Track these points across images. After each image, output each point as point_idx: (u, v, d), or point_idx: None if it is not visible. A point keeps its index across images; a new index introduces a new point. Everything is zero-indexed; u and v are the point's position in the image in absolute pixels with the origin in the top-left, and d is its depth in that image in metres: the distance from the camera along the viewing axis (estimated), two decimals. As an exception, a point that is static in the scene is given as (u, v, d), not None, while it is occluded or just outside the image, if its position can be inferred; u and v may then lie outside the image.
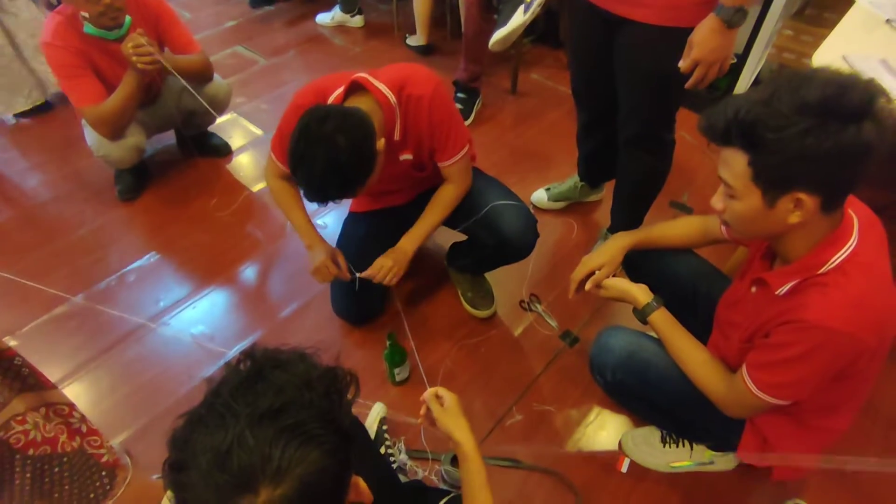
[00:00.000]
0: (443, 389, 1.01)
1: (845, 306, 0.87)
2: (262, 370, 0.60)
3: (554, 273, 1.90)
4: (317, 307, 1.80)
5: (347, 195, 1.22)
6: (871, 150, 0.78)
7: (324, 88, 1.33)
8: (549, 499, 1.37)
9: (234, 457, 0.53)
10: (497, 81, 2.75)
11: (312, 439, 0.56)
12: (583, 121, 1.83)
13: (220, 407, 0.56)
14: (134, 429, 1.51)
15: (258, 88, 2.80)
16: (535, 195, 2.11)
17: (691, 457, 1.38)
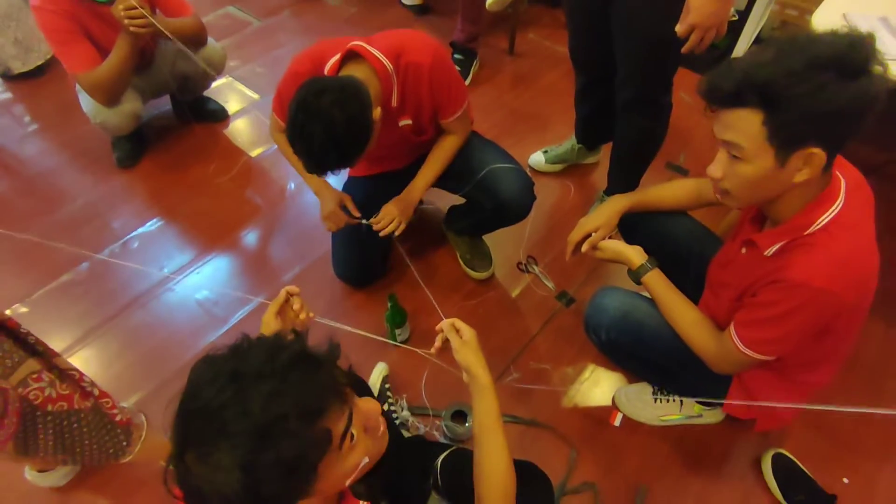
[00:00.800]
0: (460, 322, 1.00)
1: (828, 266, 0.90)
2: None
3: (551, 235, 1.93)
4: (318, 271, 1.83)
5: (345, 166, 1.24)
6: (877, 103, 0.80)
7: (321, 55, 1.32)
8: (546, 452, 1.44)
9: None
10: (494, 42, 2.71)
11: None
12: (580, 83, 1.82)
13: (246, 419, 0.55)
14: (145, 392, 1.57)
15: (253, 51, 2.76)
16: (533, 158, 2.11)
17: (681, 411, 1.45)
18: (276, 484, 0.57)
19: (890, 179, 2.04)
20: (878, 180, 2.00)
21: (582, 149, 2.06)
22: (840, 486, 1.36)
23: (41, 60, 2.53)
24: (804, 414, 1.47)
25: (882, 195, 2.11)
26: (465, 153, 1.55)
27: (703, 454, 1.44)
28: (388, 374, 1.53)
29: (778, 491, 1.34)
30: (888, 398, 1.52)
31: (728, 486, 1.38)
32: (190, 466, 0.56)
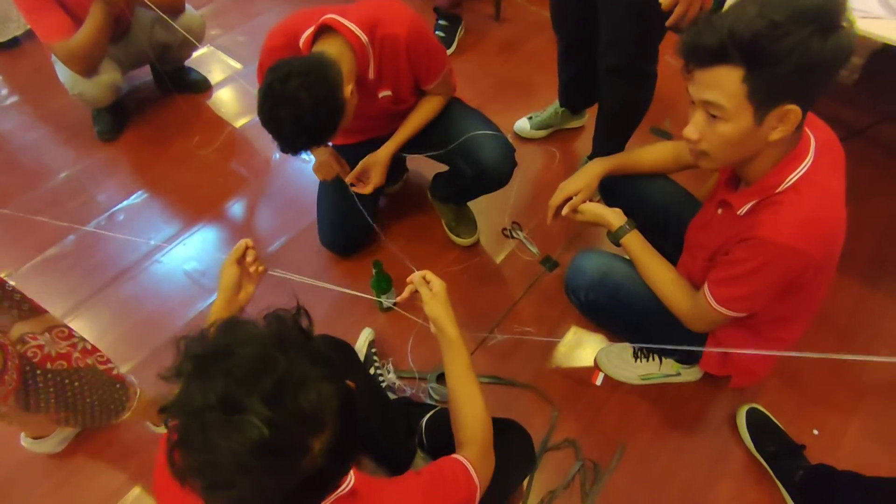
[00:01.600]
0: (431, 274, 1.01)
1: (795, 223, 0.92)
2: (229, 348, 0.59)
3: (536, 201, 1.94)
4: (305, 240, 1.85)
5: (318, 146, 1.24)
6: (849, 57, 0.81)
7: (294, 28, 1.31)
8: (529, 411, 1.48)
9: (275, 440, 0.54)
10: (480, 7, 2.67)
11: (312, 382, 0.59)
12: (561, 47, 1.81)
13: (226, 404, 0.55)
14: (136, 361, 1.60)
15: (233, 19, 2.70)
16: (518, 124, 2.11)
17: (660, 369, 1.49)
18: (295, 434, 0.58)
19: (874, 142, 2.05)
20: (864, 143, 2.05)
21: (566, 112, 2.06)
22: (810, 438, 1.41)
23: (19, 31, 2.48)
24: (778, 371, 1.52)
25: (867, 158, 2.14)
26: (447, 120, 1.55)
27: (681, 411, 1.49)
28: (374, 338, 1.56)
29: (751, 443, 1.39)
30: (858, 352, 1.57)
31: (704, 440, 1.44)
32: (209, 426, 0.55)
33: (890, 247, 1.77)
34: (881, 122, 2.07)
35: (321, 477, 0.59)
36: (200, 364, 0.58)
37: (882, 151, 2.03)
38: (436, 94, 1.52)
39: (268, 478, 0.56)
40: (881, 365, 1.54)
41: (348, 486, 0.73)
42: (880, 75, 2.20)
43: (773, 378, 1.52)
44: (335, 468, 0.61)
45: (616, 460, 1.39)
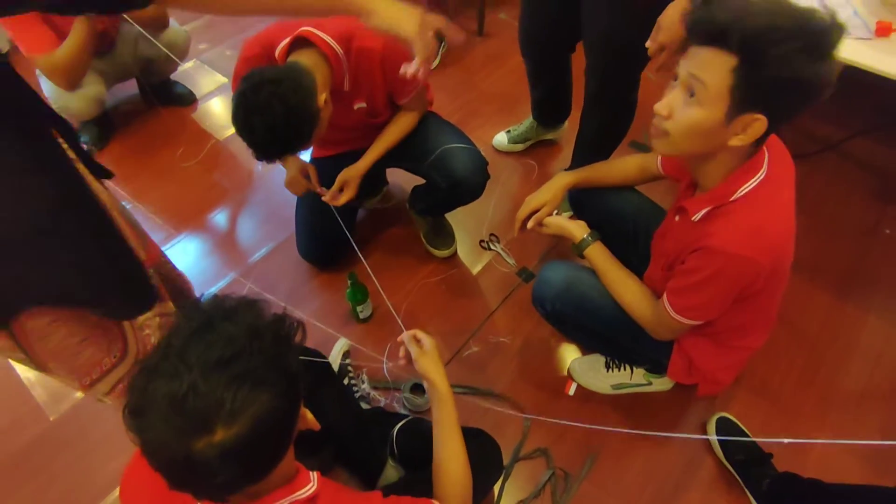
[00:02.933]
0: (421, 332, 1.05)
1: (745, 233, 0.95)
2: (211, 321, 0.63)
3: (514, 213, 1.92)
4: (285, 251, 1.87)
5: (292, 153, 1.27)
6: (828, 90, 0.82)
7: (270, 39, 1.34)
8: (502, 421, 1.49)
9: (189, 402, 0.57)
10: (463, 23, 2.71)
11: (261, 383, 0.60)
12: (530, 69, 1.85)
13: (174, 357, 0.60)
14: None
15: (222, 33, 2.75)
16: (496, 139, 2.14)
17: (631, 378, 1.51)
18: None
19: (846, 156, 2.09)
20: (837, 157, 2.08)
21: (541, 127, 2.10)
22: (779, 446, 1.43)
23: (6, 46, 2.51)
24: (748, 380, 1.54)
25: (840, 172, 2.18)
26: (423, 134, 1.58)
27: (653, 421, 1.50)
28: (348, 349, 1.58)
29: (720, 451, 1.41)
30: (827, 367, 1.59)
31: (675, 449, 1.45)
32: (155, 369, 0.61)
33: (860, 259, 1.81)
34: (853, 137, 2.12)
35: (210, 468, 0.59)
36: (195, 316, 0.65)
37: (853, 165, 2.07)
38: (410, 110, 1.54)
39: (172, 433, 0.58)
40: (849, 374, 1.56)
41: (308, 491, 0.74)
42: (851, 91, 2.24)
43: (743, 387, 1.54)
44: (230, 470, 0.60)
45: (587, 469, 1.41)
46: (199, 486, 0.62)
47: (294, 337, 0.70)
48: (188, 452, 0.57)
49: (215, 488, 0.63)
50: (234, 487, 0.65)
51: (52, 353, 0.92)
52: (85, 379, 0.98)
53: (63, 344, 0.92)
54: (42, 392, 1.59)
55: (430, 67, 1.04)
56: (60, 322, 0.90)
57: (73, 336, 0.92)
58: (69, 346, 0.92)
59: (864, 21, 1.31)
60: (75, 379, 0.98)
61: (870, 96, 2.15)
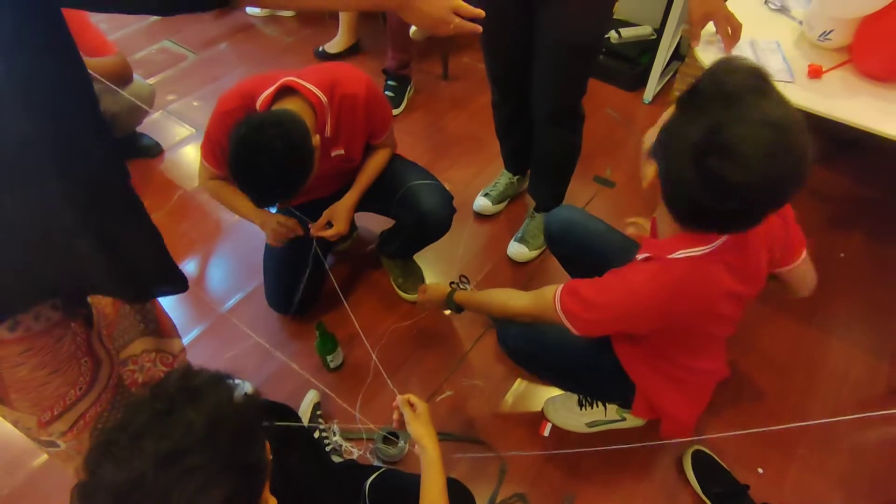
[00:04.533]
0: (414, 397, 1.08)
1: (660, 285, 0.98)
2: (173, 405, 0.62)
3: (484, 253, 1.99)
4: (255, 300, 1.84)
5: (290, 195, 1.28)
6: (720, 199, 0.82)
7: (250, 91, 1.35)
8: (477, 465, 1.47)
9: (134, 497, 0.55)
10: (429, 67, 2.79)
11: (214, 481, 0.58)
12: (507, 113, 1.83)
13: (129, 440, 0.58)
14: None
15: (189, 84, 2.77)
16: (478, 204, 2.09)
17: (605, 415, 1.50)
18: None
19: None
20: (873, 220, 2.13)
21: (520, 178, 2.11)
22: (755, 477, 1.44)
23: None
24: (722, 412, 1.55)
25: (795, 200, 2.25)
26: (388, 175, 1.60)
27: (629, 457, 1.48)
28: (319, 401, 1.55)
29: (697, 485, 1.40)
30: (797, 387, 1.61)
31: (653, 485, 1.44)
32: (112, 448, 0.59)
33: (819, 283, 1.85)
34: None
35: None
36: (159, 395, 0.63)
37: (806, 193, 2.15)
38: (385, 146, 1.60)
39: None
40: (820, 401, 1.58)
41: None
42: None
43: (718, 419, 1.54)
44: None
45: (565, 513, 1.39)
46: None
47: (260, 423, 0.68)
48: None
49: None
50: None
51: (19, 383, 0.89)
52: (45, 414, 0.94)
53: (32, 375, 0.89)
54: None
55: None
56: (34, 352, 0.88)
57: (45, 367, 0.90)
58: (38, 377, 0.90)
59: (788, 67, 1.37)
60: (35, 413, 0.94)
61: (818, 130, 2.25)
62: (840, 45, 1.38)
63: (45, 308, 0.88)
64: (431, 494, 0.99)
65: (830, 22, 1.35)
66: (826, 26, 1.36)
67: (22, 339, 0.86)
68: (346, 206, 1.54)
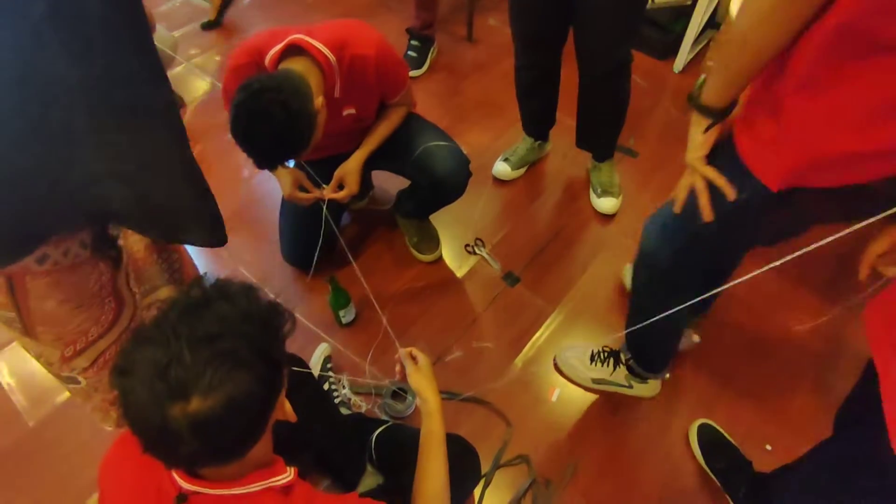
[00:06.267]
0: (416, 350, 1.09)
1: None
2: (208, 299, 0.67)
3: (501, 218, 1.97)
4: (271, 253, 1.86)
5: (293, 158, 1.28)
6: None
7: (258, 48, 1.33)
8: (485, 426, 1.49)
9: (171, 370, 0.60)
10: (453, 28, 2.72)
11: (242, 364, 0.63)
12: (533, 76, 1.82)
13: (166, 327, 0.63)
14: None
15: (211, 39, 2.75)
16: (497, 168, 2.06)
17: (611, 376, 1.51)
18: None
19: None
20: None
21: (541, 144, 2.08)
22: (762, 454, 1.42)
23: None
24: (733, 384, 1.53)
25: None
26: (405, 134, 1.58)
27: (635, 428, 1.49)
28: (330, 354, 1.57)
29: (702, 458, 1.40)
30: (815, 370, 1.58)
31: (656, 456, 1.44)
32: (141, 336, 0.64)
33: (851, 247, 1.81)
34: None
35: (178, 436, 0.60)
36: (195, 293, 0.68)
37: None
38: (402, 103, 1.57)
39: (151, 397, 0.60)
40: (839, 383, 1.55)
41: (284, 480, 0.75)
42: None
43: (728, 391, 1.53)
44: (196, 442, 0.61)
45: (568, 476, 1.40)
46: (168, 453, 0.64)
47: (283, 328, 0.72)
48: (163, 417, 0.59)
49: (182, 458, 0.65)
50: (199, 461, 0.67)
51: (45, 316, 0.91)
52: (69, 349, 0.97)
53: (58, 309, 0.91)
54: (21, 398, 1.58)
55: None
56: (61, 286, 0.90)
57: (70, 301, 0.92)
58: (63, 311, 0.92)
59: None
60: (59, 347, 0.96)
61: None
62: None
63: (74, 244, 0.89)
64: (431, 446, 1.00)
65: None
66: None
67: (49, 272, 0.87)
68: (355, 166, 1.53)
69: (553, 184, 2.09)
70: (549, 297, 1.75)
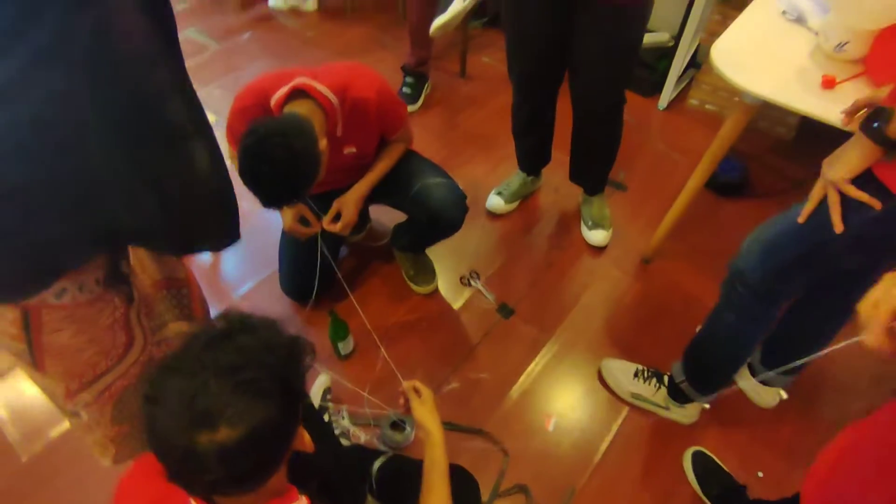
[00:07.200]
0: (419, 383, 1.13)
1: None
2: (231, 331, 0.69)
3: (495, 250, 2.02)
4: (269, 286, 1.88)
5: (300, 198, 1.34)
6: None
7: (264, 89, 1.39)
8: (481, 456, 1.50)
9: (199, 399, 0.62)
10: (447, 65, 2.82)
11: (265, 395, 0.65)
12: (527, 114, 1.90)
13: (192, 358, 0.66)
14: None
15: (211, 73, 2.82)
16: (491, 202, 2.12)
17: (653, 396, 1.56)
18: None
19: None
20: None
21: (534, 179, 2.15)
22: (754, 481, 1.45)
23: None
24: (722, 412, 1.57)
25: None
26: (404, 170, 1.64)
27: (631, 455, 1.52)
28: (329, 385, 1.58)
29: (697, 485, 1.43)
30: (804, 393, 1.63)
31: (653, 483, 1.47)
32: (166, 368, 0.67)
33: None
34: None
35: (206, 464, 0.62)
36: (218, 326, 0.71)
37: (820, 204, 2.15)
38: (400, 140, 1.63)
39: (179, 425, 0.63)
40: (830, 411, 1.60)
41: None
42: (814, 131, 2.36)
43: (717, 420, 1.57)
44: (223, 469, 0.63)
45: (566, 502, 1.42)
46: (192, 480, 0.67)
47: (302, 359, 0.75)
48: (190, 444, 0.62)
49: (206, 485, 0.67)
50: (222, 489, 0.69)
51: (56, 349, 0.92)
52: (74, 382, 0.98)
53: (70, 341, 0.93)
54: (14, 431, 1.57)
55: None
56: (75, 319, 0.91)
57: (83, 334, 0.93)
58: (74, 343, 0.93)
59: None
60: (66, 380, 0.97)
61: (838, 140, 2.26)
62: (855, 56, 1.39)
63: (89, 280, 0.91)
64: (434, 476, 1.02)
65: (847, 33, 1.36)
66: (842, 38, 1.37)
67: (65, 306, 0.89)
68: (355, 198, 1.58)
69: (545, 217, 2.16)
70: (543, 328, 1.79)
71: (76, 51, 0.67)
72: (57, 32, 0.64)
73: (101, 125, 0.73)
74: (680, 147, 2.42)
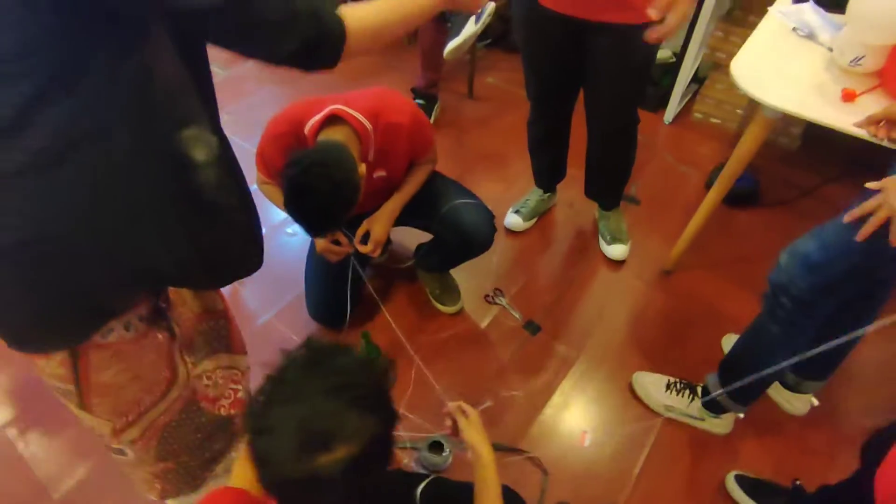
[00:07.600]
0: (465, 404, 1.12)
1: None
2: (319, 357, 0.71)
3: (516, 268, 2.03)
4: (293, 312, 1.88)
5: (341, 223, 1.39)
6: None
7: (298, 118, 1.42)
8: (519, 476, 1.50)
9: (315, 423, 0.64)
10: (454, 87, 2.86)
11: (371, 410, 0.68)
12: (543, 131, 1.94)
13: (293, 386, 0.68)
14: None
15: (220, 99, 2.80)
16: (509, 221, 2.14)
17: (686, 408, 1.56)
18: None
19: (823, 201, 2.23)
20: (814, 202, 2.22)
21: (551, 195, 2.18)
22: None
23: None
24: (756, 421, 1.58)
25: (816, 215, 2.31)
26: (431, 192, 1.66)
27: (671, 469, 1.52)
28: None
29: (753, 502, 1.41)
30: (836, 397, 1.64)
31: (696, 496, 1.47)
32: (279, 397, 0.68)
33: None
34: (825, 183, 2.26)
35: (332, 484, 0.64)
36: (300, 356, 0.72)
37: (828, 208, 2.19)
38: (426, 163, 1.66)
39: (297, 451, 0.64)
40: (862, 416, 1.61)
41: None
42: (818, 140, 2.42)
43: (748, 437, 1.58)
44: (348, 486, 0.65)
45: (609, 521, 1.41)
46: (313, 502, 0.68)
47: (388, 375, 0.77)
48: (311, 468, 0.63)
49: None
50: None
51: (103, 388, 0.93)
52: (121, 420, 0.98)
53: (115, 379, 0.93)
54: (44, 469, 1.54)
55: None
56: (120, 357, 0.92)
57: (128, 371, 0.94)
58: (120, 381, 0.94)
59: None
60: (112, 418, 0.97)
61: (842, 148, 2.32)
62: (870, 70, 1.44)
63: (133, 318, 0.92)
64: (488, 494, 1.01)
65: (862, 48, 1.41)
66: (857, 52, 1.42)
67: (112, 344, 0.90)
68: (384, 217, 1.60)
69: (562, 233, 2.18)
70: (570, 343, 1.80)
71: (122, 95, 0.69)
72: (105, 78, 0.66)
73: (141, 171, 0.75)
74: (688, 159, 2.46)
